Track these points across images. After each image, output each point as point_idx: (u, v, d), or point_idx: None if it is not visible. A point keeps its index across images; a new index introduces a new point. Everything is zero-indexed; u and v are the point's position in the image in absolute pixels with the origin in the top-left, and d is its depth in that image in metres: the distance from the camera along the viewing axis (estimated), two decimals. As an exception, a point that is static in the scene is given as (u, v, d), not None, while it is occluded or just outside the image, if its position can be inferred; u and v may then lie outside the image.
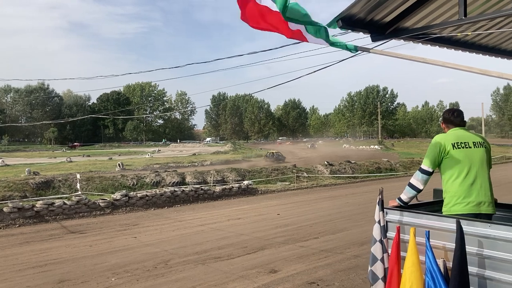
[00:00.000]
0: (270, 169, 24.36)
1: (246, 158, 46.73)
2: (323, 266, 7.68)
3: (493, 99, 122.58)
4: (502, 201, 4.58)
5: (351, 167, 27.23)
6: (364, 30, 3.69)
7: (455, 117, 4.16)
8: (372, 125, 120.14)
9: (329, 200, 16.95)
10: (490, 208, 3.87)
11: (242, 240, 9.92)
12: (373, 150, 64.70)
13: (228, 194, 17.92)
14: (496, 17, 3.88)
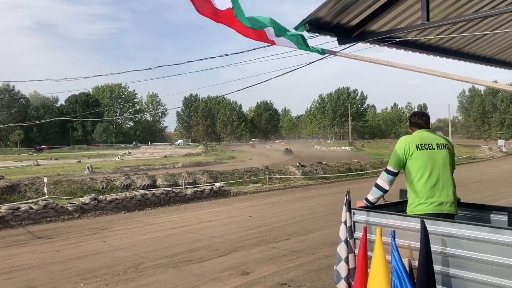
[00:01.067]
0: (243, 171, 24.34)
1: (219, 160, 46.54)
2: (295, 267, 7.72)
3: (459, 101, 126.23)
4: (467, 201, 4.72)
5: (323, 168, 27.49)
6: (331, 34, 3.74)
7: (419, 119, 4.27)
8: (343, 127, 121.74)
9: (301, 201, 17.06)
10: (452, 208, 3.98)
11: (214, 242, 9.88)
12: (344, 151, 65.49)
13: (200, 196, 17.81)
14: (458, 22, 4.01)
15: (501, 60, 5.86)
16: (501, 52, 5.63)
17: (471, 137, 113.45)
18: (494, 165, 36.47)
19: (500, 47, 5.43)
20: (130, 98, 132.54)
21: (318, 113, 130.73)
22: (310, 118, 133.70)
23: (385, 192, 4.06)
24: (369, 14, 3.69)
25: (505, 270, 2.92)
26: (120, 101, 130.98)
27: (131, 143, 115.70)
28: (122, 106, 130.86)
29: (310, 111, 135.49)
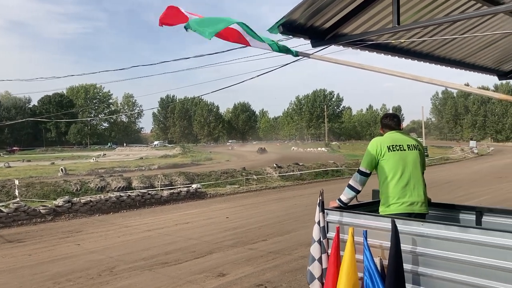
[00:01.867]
0: (220, 173, 24.29)
1: (195, 161, 46.31)
2: (271, 268, 7.75)
3: (432, 103, 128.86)
4: (438, 201, 4.83)
5: (299, 169, 27.67)
6: (304, 36, 3.78)
7: (390, 121, 4.35)
8: (319, 128, 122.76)
9: (277, 202, 17.12)
10: (423, 208, 4.07)
11: (190, 244, 9.84)
12: (320, 152, 66.02)
13: (176, 198, 17.69)
14: (428, 26, 4.10)
15: (471, 63, 6.02)
16: (470, 55, 5.78)
17: (444, 139, 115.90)
18: (466, 166, 37.39)
19: (469, 50, 5.57)
20: (105, 99, 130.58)
21: (295, 114, 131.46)
22: (287, 119, 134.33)
23: (357, 193, 4.12)
24: (342, 17, 3.74)
25: (472, 268, 3.00)
26: (95, 102, 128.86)
27: (106, 145, 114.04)
28: (97, 107, 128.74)
29: (287, 113, 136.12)
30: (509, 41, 5.64)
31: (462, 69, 6.03)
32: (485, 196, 16.85)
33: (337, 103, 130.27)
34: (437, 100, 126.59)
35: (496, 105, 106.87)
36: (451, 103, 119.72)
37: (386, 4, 3.68)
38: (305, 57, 3.61)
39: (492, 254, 2.91)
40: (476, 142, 74.30)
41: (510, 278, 2.83)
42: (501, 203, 14.61)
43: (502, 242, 2.87)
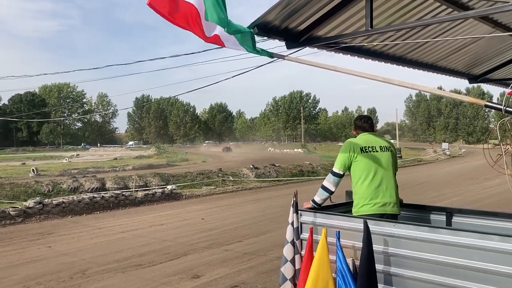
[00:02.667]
0: (195, 173, 24.16)
1: (171, 162, 45.93)
2: (246, 269, 7.76)
3: (406, 105, 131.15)
4: (410, 202, 4.92)
5: (276, 170, 27.76)
6: (279, 38, 3.79)
7: (364, 123, 4.41)
8: (296, 129, 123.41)
9: (254, 203, 17.14)
10: (395, 209, 4.13)
11: (165, 246, 9.76)
12: (297, 153, 66.43)
13: (151, 199, 17.52)
14: (400, 29, 4.17)
15: (442, 67, 6.15)
16: (442, 59, 5.91)
17: (417, 140, 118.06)
18: (439, 167, 38.13)
19: (440, 54, 5.69)
20: (79, 98, 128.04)
21: (272, 115, 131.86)
22: (264, 120, 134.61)
23: (331, 194, 4.15)
24: (316, 20, 3.76)
25: (442, 268, 3.06)
26: (68, 101, 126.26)
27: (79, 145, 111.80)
28: (70, 106, 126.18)
29: (264, 114, 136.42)
30: (479, 46, 5.79)
31: (434, 72, 6.15)
32: (456, 197, 17.23)
33: (314, 104, 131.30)
34: (410, 103, 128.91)
35: (467, 108, 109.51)
36: (424, 105, 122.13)
37: (360, 7, 3.73)
38: (280, 59, 3.62)
39: (460, 254, 2.97)
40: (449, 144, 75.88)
41: (478, 277, 2.90)
42: (471, 203, 14.98)
43: (469, 242, 2.94)
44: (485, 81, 7.04)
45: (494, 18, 4.74)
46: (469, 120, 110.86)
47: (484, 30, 4.97)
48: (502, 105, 2.72)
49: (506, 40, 5.66)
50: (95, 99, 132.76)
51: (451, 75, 6.54)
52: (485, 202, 15.13)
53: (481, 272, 2.88)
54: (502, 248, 2.79)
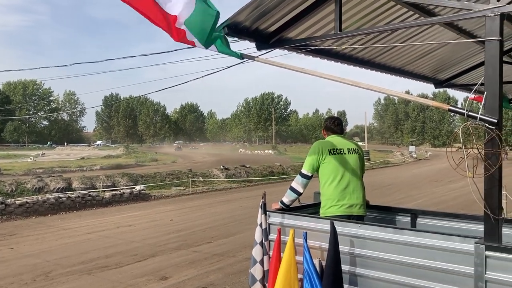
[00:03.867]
0: (165, 174, 23.91)
1: (140, 162, 45.31)
2: (215, 270, 7.75)
3: (375, 109, 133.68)
4: (378, 203, 5.01)
5: (246, 171, 27.78)
6: (249, 39, 3.79)
7: (335, 125, 4.47)
8: (267, 131, 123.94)
9: (223, 204, 17.11)
10: (361, 210, 4.20)
11: (132, 247, 9.64)
12: (268, 154, 66.69)
13: (119, 200, 17.24)
14: (369, 33, 4.24)
15: (409, 71, 6.28)
16: (409, 63, 6.03)
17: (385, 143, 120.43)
18: (406, 169, 38.98)
19: (408, 58, 5.81)
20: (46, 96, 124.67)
21: (243, 116, 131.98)
22: (235, 121, 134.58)
23: (299, 195, 4.18)
24: (287, 22, 3.78)
25: (406, 268, 3.12)
26: (34, 99, 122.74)
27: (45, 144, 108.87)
28: (36, 104, 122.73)
29: (236, 115, 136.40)
30: (444, 52, 5.94)
31: (401, 77, 6.27)
32: (422, 199, 17.65)
33: (285, 106, 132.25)
34: (379, 106, 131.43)
35: (434, 112, 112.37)
36: (393, 109, 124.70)
37: (329, 10, 3.76)
38: (250, 60, 3.62)
39: (423, 255, 3.04)
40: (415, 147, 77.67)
41: (440, 277, 2.97)
42: (436, 205, 15.39)
43: (432, 242, 3.01)
44: (450, 86, 7.23)
45: (459, 25, 4.88)
46: (435, 124, 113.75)
47: (449, 37, 5.10)
48: (465, 109, 2.80)
49: (470, 47, 5.84)
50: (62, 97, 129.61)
51: (418, 79, 6.68)
52: (450, 203, 15.58)
53: (443, 272, 2.95)
54: (462, 248, 2.87)
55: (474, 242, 2.80)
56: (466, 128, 2.78)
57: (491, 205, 2.75)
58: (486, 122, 2.72)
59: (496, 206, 2.75)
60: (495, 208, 2.74)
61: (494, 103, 2.75)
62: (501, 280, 2.69)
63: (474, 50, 6.00)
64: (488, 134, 2.74)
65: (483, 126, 2.74)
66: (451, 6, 3.19)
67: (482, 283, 2.74)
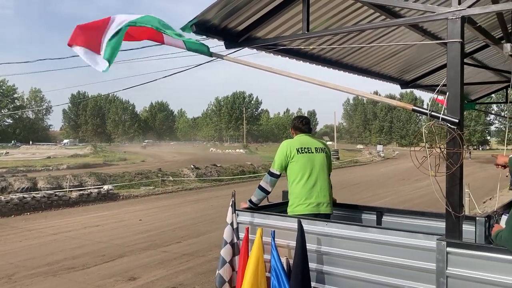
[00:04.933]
0: (134, 173, 23.59)
1: (108, 161, 44.52)
2: (184, 270, 7.72)
3: (344, 109, 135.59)
4: (345, 201, 5.08)
5: (217, 170, 27.71)
6: (218, 37, 3.77)
7: (303, 124, 4.50)
8: (238, 130, 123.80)
9: (194, 203, 17.02)
10: (328, 209, 4.25)
11: (100, 248, 9.49)
12: (239, 153, 66.65)
13: (86, 200, 16.93)
14: (336, 33, 4.30)
15: (376, 72, 6.40)
16: (376, 64, 6.14)
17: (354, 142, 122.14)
18: (374, 168, 39.74)
19: (375, 59, 5.92)
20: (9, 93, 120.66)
21: (214, 115, 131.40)
22: (206, 120, 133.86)
23: (267, 194, 4.20)
24: (256, 21, 3.78)
25: (372, 266, 3.17)
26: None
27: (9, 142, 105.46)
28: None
29: (207, 114, 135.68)
30: (410, 53, 6.08)
31: (368, 77, 6.38)
32: (389, 197, 18.03)
33: (256, 105, 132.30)
34: (348, 106, 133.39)
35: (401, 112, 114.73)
36: (361, 109, 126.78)
37: (297, 10, 3.78)
38: (219, 58, 3.61)
39: (389, 252, 3.10)
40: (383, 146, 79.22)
41: (404, 273, 3.03)
42: (403, 203, 15.75)
43: (396, 240, 3.07)
44: (415, 86, 7.41)
45: (424, 27, 5.00)
46: (402, 124, 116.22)
47: (415, 38, 5.22)
48: (428, 110, 2.87)
49: (435, 49, 5.99)
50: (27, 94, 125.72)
51: (385, 80, 6.82)
52: (416, 202, 15.96)
53: (407, 269, 3.01)
54: (425, 245, 2.94)
55: (436, 239, 2.88)
56: (429, 127, 2.85)
57: (453, 203, 2.82)
58: (448, 122, 2.80)
59: (457, 204, 2.83)
60: (456, 205, 2.82)
61: (456, 104, 2.83)
62: (461, 275, 2.77)
63: (438, 52, 6.16)
64: (450, 133, 2.82)
65: (445, 126, 2.82)
66: (416, 8, 3.26)
67: (443, 278, 2.81)
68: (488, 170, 28.14)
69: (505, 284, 2.62)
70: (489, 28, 4.99)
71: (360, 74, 6.20)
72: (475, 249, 2.78)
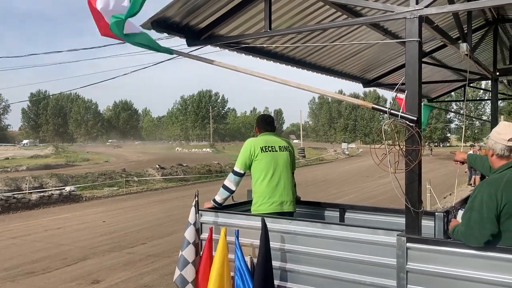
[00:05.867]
0: (97, 174, 23.06)
1: (70, 162, 43.37)
2: (150, 272, 7.63)
3: (310, 107, 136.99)
4: (309, 199, 5.12)
5: (183, 170, 27.43)
6: (179, 34, 3.72)
7: (267, 123, 4.51)
8: (205, 129, 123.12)
9: (159, 204, 16.81)
10: (291, 207, 4.28)
11: (62, 251, 9.26)
12: (205, 152, 66.26)
13: (47, 202, 16.43)
14: (298, 32, 4.31)
15: (339, 71, 6.49)
16: (339, 63, 6.23)
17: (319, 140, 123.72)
18: (338, 166, 40.31)
19: (337, 58, 6.00)
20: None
21: (180, 114, 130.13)
22: (172, 119, 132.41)
23: (231, 193, 4.18)
24: (218, 18, 3.74)
25: (334, 262, 3.21)
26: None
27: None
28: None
29: (172, 113, 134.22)
30: (372, 52, 6.19)
31: (331, 76, 6.46)
32: (354, 194, 18.34)
33: (222, 104, 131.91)
34: (314, 105, 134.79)
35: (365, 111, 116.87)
36: (326, 107, 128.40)
37: (260, 8, 3.77)
38: (181, 56, 3.56)
39: (351, 248, 3.14)
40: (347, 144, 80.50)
41: (366, 269, 3.08)
42: (367, 199, 16.06)
43: (358, 236, 3.11)
44: (377, 85, 7.56)
45: (384, 27, 5.10)
46: (366, 122, 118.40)
47: (376, 38, 5.32)
48: (388, 108, 2.92)
49: (395, 48, 6.13)
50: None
51: (347, 79, 6.92)
52: (379, 198, 16.29)
53: (369, 265, 3.06)
54: (386, 241, 2.99)
55: (396, 234, 2.93)
56: (389, 125, 2.90)
57: (412, 199, 2.89)
58: (406, 119, 2.85)
59: (416, 199, 2.89)
60: (415, 202, 2.89)
61: (414, 102, 2.90)
62: (421, 270, 2.83)
63: (399, 51, 6.31)
64: (409, 131, 2.88)
65: (404, 123, 2.87)
66: (376, 7, 3.31)
67: (403, 273, 2.87)
68: (448, 167, 29.08)
69: (462, 277, 2.70)
70: (446, 28, 5.15)
71: (323, 73, 6.26)
72: (433, 244, 2.85)
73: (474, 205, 2.71)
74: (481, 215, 2.65)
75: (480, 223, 2.65)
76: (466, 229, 2.72)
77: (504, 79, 7.07)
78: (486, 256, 2.64)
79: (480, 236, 2.64)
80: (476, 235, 2.66)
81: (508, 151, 2.79)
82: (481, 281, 2.64)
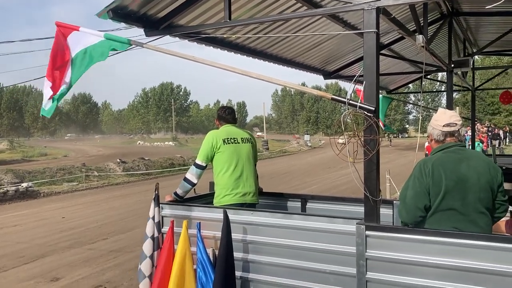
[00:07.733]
0: (55, 169, 22.39)
1: (27, 157, 41.91)
2: (112, 267, 7.52)
3: (273, 100, 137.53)
4: (272, 190, 5.15)
5: (145, 163, 27.04)
6: (137, 24, 3.63)
7: (227, 114, 4.49)
8: (167, 122, 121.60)
9: (121, 198, 16.51)
10: (254, 198, 4.30)
11: (19, 249, 8.97)
12: (168, 146, 65.45)
13: (3, 199, 15.86)
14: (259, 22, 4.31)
15: (300, 63, 6.54)
16: (299, 55, 6.28)
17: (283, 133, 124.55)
18: (301, 157, 40.71)
19: (298, 50, 6.04)
20: None
21: (141, 107, 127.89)
22: (133, 112, 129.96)
23: (193, 185, 4.15)
24: (177, 7, 3.68)
25: (296, 252, 3.24)
26: None
27: None
28: None
29: (133, 106, 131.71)
30: (332, 44, 6.27)
31: (293, 68, 6.50)
32: (316, 185, 18.59)
33: (185, 97, 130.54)
34: (277, 97, 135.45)
35: (326, 103, 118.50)
36: (289, 100, 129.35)
37: (219, -2, 3.75)
38: (138, 46, 3.47)
39: (311, 237, 3.18)
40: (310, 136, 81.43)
41: (327, 258, 3.12)
42: (329, 190, 16.32)
43: (318, 225, 3.16)
44: (337, 77, 7.67)
45: (344, 19, 5.16)
46: (328, 114, 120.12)
47: (336, 29, 5.38)
48: (346, 98, 2.95)
49: (355, 40, 6.22)
50: None
51: (308, 70, 6.98)
52: (341, 188, 16.57)
53: (329, 253, 3.11)
54: (346, 229, 3.04)
55: (356, 223, 2.99)
56: (348, 116, 2.94)
57: (370, 188, 2.95)
58: (364, 110, 2.90)
59: (374, 188, 2.95)
60: (374, 190, 2.95)
61: (372, 92, 2.95)
62: (379, 257, 2.90)
63: (359, 43, 6.41)
64: (367, 121, 2.93)
65: (362, 113, 2.92)
66: (334, -1, 3.34)
67: (363, 261, 2.93)
68: (408, 157, 29.91)
69: (420, 263, 2.78)
70: (403, 20, 5.26)
71: (284, 64, 6.29)
72: (391, 231, 2.93)
73: (409, 184, 2.91)
74: (415, 190, 2.84)
75: (415, 197, 2.83)
76: (403, 206, 2.91)
77: (459, 71, 7.33)
78: (436, 241, 2.73)
79: (415, 210, 2.83)
80: (412, 211, 2.85)
81: (443, 135, 2.97)
82: (433, 266, 2.73)
